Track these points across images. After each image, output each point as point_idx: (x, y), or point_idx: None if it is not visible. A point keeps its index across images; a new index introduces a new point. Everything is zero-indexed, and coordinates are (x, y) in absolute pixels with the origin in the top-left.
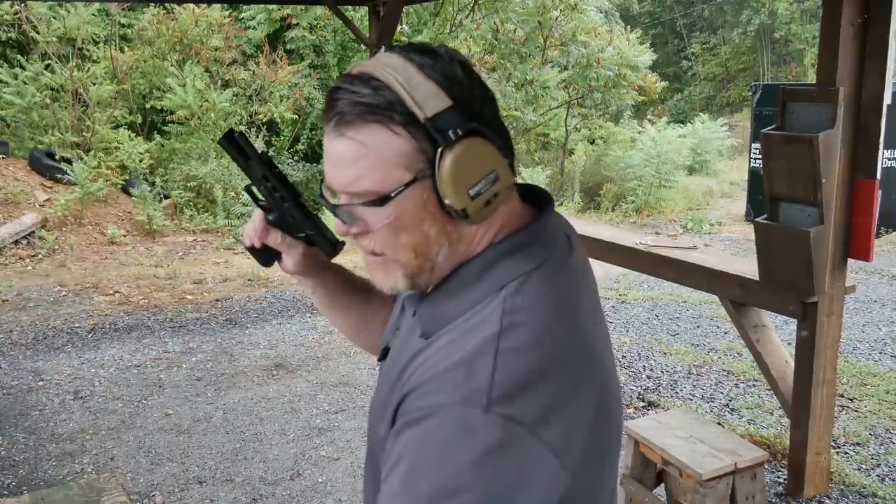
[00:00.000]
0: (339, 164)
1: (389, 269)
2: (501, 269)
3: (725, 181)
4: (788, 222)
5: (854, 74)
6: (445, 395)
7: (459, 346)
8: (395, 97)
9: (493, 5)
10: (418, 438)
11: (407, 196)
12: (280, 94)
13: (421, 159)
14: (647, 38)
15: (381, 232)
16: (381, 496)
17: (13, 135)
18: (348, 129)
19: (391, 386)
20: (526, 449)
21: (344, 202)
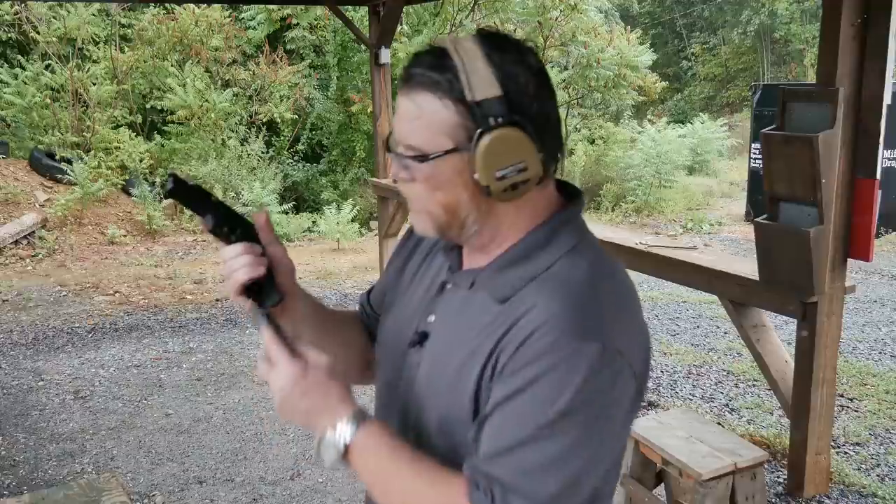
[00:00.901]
0: (400, 119)
1: (423, 219)
2: (563, 235)
3: (725, 181)
4: (788, 222)
5: (854, 74)
6: (563, 334)
7: (559, 295)
8: (453, 76)
9: (493, 5)
10: (537, 371)
11: (445, 161)
12: (280, 94)
13: (463, 134)
14: (647, 38)
15: (420, 185)
16: (499, 422)
17: (13, 135)
18: (411, 91)
19: (461, 345)
20: (627, 376)
21: (399, 152)
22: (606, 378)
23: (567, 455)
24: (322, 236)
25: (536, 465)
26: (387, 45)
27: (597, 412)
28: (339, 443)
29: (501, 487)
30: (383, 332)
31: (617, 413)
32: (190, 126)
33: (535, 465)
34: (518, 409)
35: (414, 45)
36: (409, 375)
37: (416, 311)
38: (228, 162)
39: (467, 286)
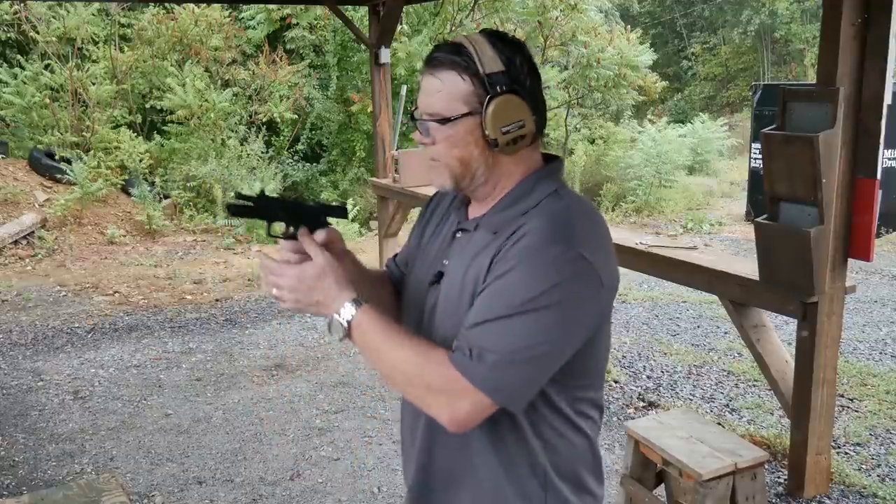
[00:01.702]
0: (425, 93)
1: (442, 173)
2: (546, 183)
3: (725, 181)
4: (788, 222)
5: (854, 74)
6: (538, 239)
7: (540, 217)
8: (468, 57)
9: (493, 5)
10: (513, 263)
11: (461, 123)
12: (280, 94)
13: (475, 101)
14: (647, 37)
15: (440, 144)
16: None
17: (13, 135)
18: (435, 70)
19: (464, 273)
20: (590, 276)
21: (424, 118)
22: (568, 273)
23: (532, 329)
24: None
25: (507, 334)
26: (387, 45)
27: (559, 299)
28: (343, 322)
29: (478, 348)
30: (408, 282)
31: (580, 305)
32: (190, 126)
33: (505, 333)
34: (495, 292)
35: (414, 44)
36: (429, 311)
37: (434, 258)
38: (228, 162)
39: (472, 229)
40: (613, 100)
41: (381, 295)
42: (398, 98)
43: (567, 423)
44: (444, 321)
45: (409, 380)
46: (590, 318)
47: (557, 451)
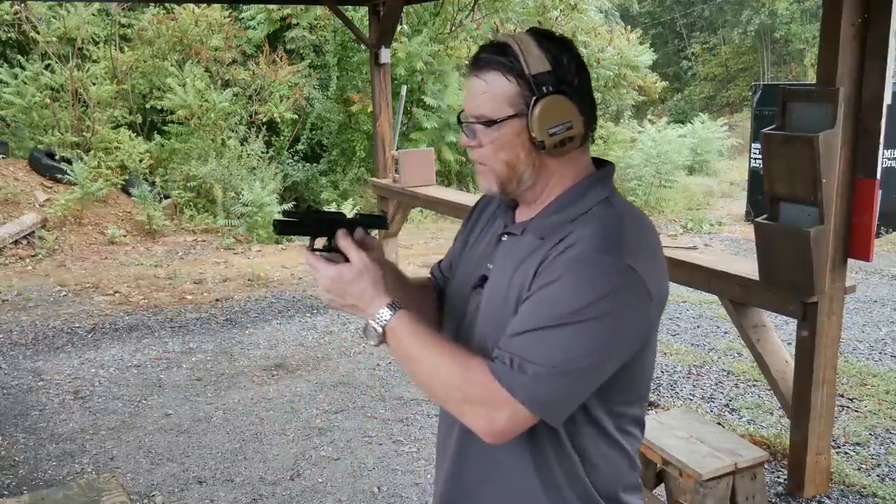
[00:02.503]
0: (471, 95)
1: (488, 177)
2: (597, 189)
3: (725, 181)
4: (788, 222)
5: (854, 74)
6: (587, 248)
7: (590, 226)
8: (514, 57)
9: (493, 5)
10: (560, 273)
11: (508, 125)
12: (280, 94)
13: (522, 102)
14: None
15: (487, 147)
16: (523, 311)
17: (13, 135)
18: (480, 72)
19: (509, 278)
20: (639, 289)
21: (470, 121)
22: (617, 285)
23: (577, 341)
24: None
25: (550, 345)
26: (387, 45)
27: (606, 311)
28: (378, 327)
29: (520, 358)
30: (451, 286)
31: (627, 318)
32: (190, 126)
33: (549, 345)
34: (540, 301)
35: (414, 44)
36: (471, 315)
37: (478, 262)
38: (228, 162)
39: (519, 234)
40: (613, 100)
41: (422, 303)
42: (398, 98)
43: (607, 438)
44: (486, 326)
45: (446, 389)
46: (637, 331)
47: (597, 467)
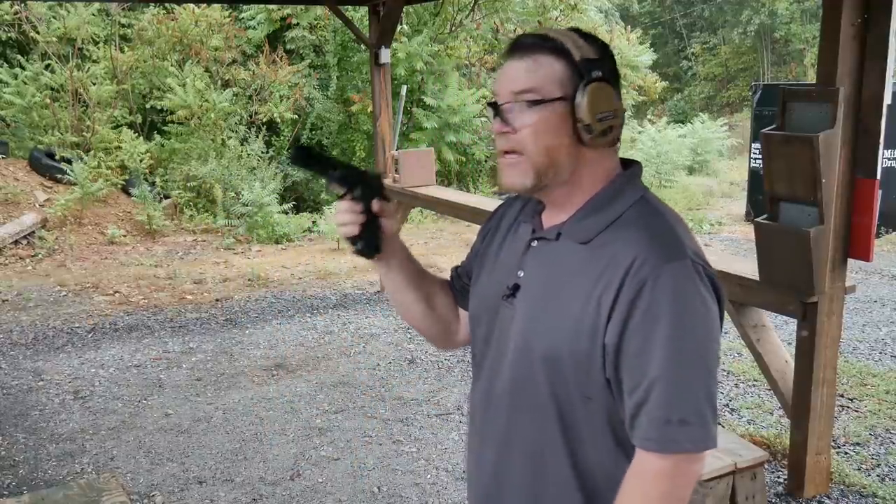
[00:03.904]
0: (512, 75)
1: (523, 168)
2: (630, 188)
3: (725, 181)
4: (788, 222)
5: (854, 74)
6: (660, 253)
7: (643, 231)
8: (561, 43)
9: (493, 5)
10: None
11: (553, 108)
12: (280, 94)
13: (570, 85)
14: (647, 38)
15: (525, 132)
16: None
17: (13, 135)
18: (527, 53)
19: (557, 285)
20: (708, 288)
21: (510, 101)
22: (708, 301)
23: (704, 369)
24: (322, 236)
25: (691, 386)
26: (387, 45)
27: (711, 326)
28: None
29: (678, 414)
30: (475, 297)
31: (717, 326)
32: (190, 126)
33: (691, 386)
34: (653, 348)
35: (414, 44)
36: (503, 325)
37: (506, 271)
38: (228, 162)
39: (553, 238)
40: None
41: (434, 303)
42: (398, 98)
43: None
44: (535, 339)
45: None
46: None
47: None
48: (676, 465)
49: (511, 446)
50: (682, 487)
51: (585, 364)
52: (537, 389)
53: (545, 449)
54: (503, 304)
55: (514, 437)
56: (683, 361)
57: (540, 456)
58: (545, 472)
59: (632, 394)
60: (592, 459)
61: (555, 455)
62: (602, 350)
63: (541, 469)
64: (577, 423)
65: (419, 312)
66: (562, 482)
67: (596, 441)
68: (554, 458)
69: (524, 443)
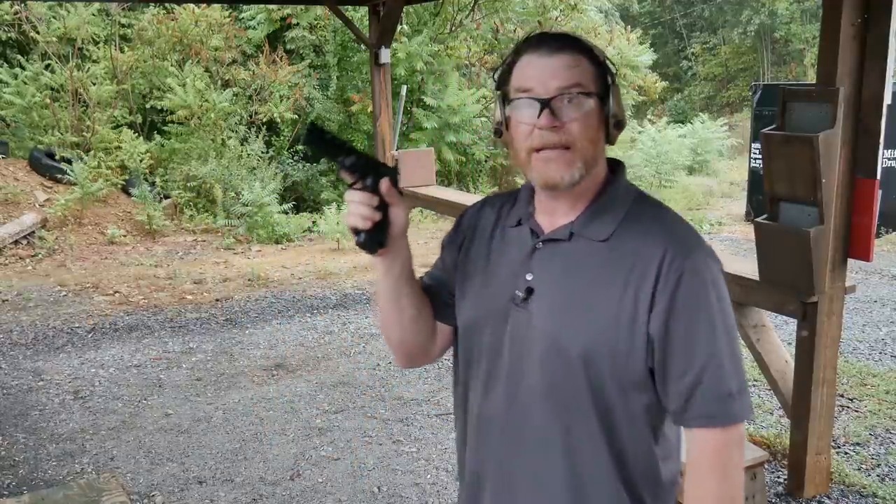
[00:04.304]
0: (557, 70)
1: (572, 160)
2: (625, 186)
3: (725, 181)
4: (788, 222)
5: (854, 74)
6: (685, 243)
7: (660, 225)
8: (588, 43)
9: (493, 5)
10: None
11: (593, 103)
12: (280, 94)
13: (600, 84)
14: (647, 38)
15: (576, 123)
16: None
17: (13, 135)
18: (567, 49)
19: (581, 284)
20: (721, 267)
21: (555, 95)
22: (718, 266)
23: (735, 341)
24: (322, 236)
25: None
26: (387, 45)
27: (727, 302)
28: None
29: (726, 389)
30: (471, 308)
31: (727, 291)
32: (190, 126)
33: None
34: (697, 334)
35: (414, 44)
36: (517, 331)
37: (507, 276)
38: (228, 162)
39: (566, 239)
40: None
41: (421, 314)
42: (398, 98)
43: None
44: (570, 338)
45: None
46: None
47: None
48: (734, 434)
49: (552, 445)
50: (741, 453)
51: (624, 356)
52: (576, 387)
53: (587, 443)
54: (515, 310)
55: (555, 436)
56: (727, 339)
57: (581, 450)
58: (585, 465)
59: (683, 377)
60: (629, 449)
61: (595, 448)
62: (646, 340)
63: (581, 462)
64: (616, 415)
65: (407, 321)
66: (602, 473)
67: (633, 431)
68: (594, 450)
69: (568, 439)
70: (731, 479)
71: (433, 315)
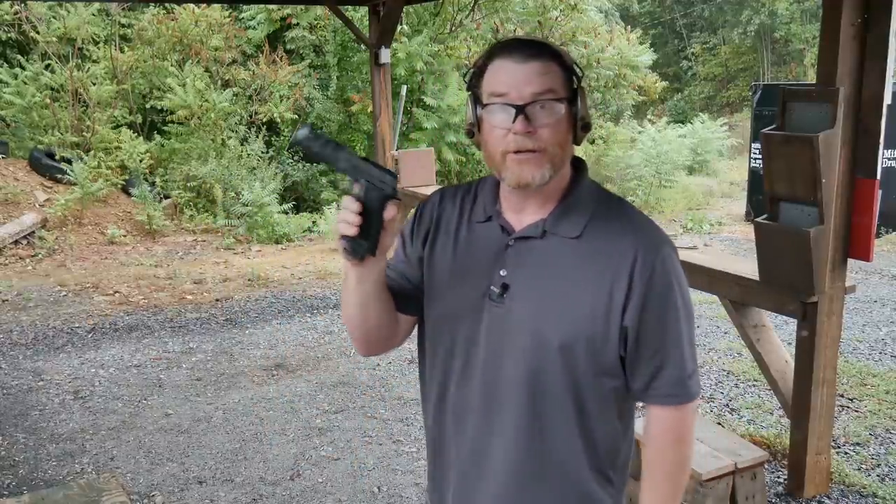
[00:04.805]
0: (531, 77)
1: (541, 162)
2: (588, 183)
3: (725, 181)
4: (788, 222)
5: (854, 74)
6: (653, 240)
7: (627, 222)
8: (556, 49)
9: (493, 5)
10: (668, 269)
11: (563, 107)
12: (280, 94)
13: (569, 88)
14: (647, 38)
15: (548, 129)
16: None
17: (13, 135)
18: (539, 55)
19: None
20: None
21: (540, 99)
22: (678, 256)
23: (692, 328)
24: (322, 236)
25: (688, 344)
26: (387, 45)
27: (686, 288)
28: None
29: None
30: (442, 300)
31: None
32: (190, 126)
33: (688, 344)
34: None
35: (414, 44)
36: (494, 324)
37: (479, 272)
38: (228, 162)
39: (538, 236)
40: (613, 100)
41: (390, 304)
42: (398, 98)
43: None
44: (549, 329)
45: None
46: None
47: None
48: (690, 410)
49: (526, 429)
50: (692, 426)
51: (600, 345)
52: (555, 376)
53: (560, 426)
54: (490, 304)
55: (529, 421)
56: (688, 326)
57: (555, 432)
58: (557, 445)
59: (651, 359)
60: (598, 429)
61: (568, 430)
62: (620, 330)
63: (553, 442)
64: (588, 400)
65: (373, 322)
66: (573, 452)
67: (603, 415)
68: (567, 432)
69: (541, 423)
70: (687, 447)
71: (396, 308)
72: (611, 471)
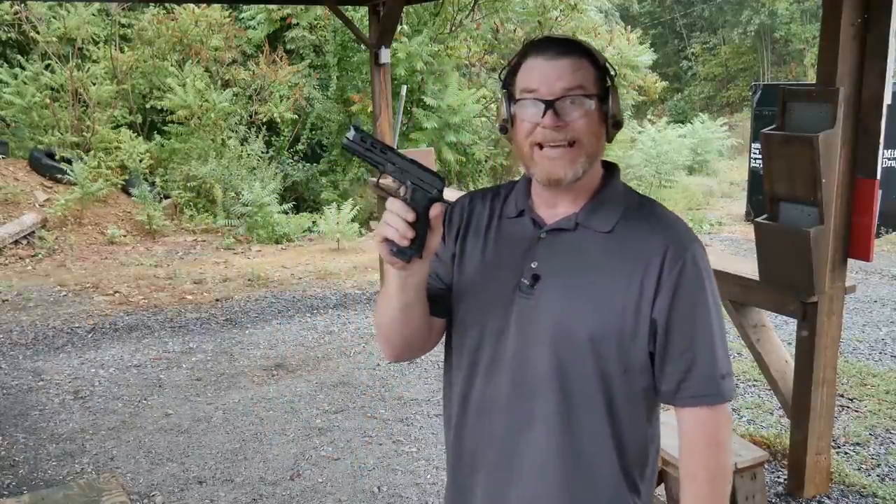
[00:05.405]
0: (562, 73)
1: (576, 157)
2: (620, 183)
3: (725, 181)
4: (788, 222)
5: (854, 74)
6: (684, 237)
7: (658, 220)
8: (589, 47)
9: (493, 5)
10: (699, 265)
11: (593, 104)
12: (280, 94)
13: (600, 86)
14: (647, 38)
15: (582, 122)
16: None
17: (13, 135)
18: (570, 52)
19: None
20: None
21: (559, 96)
22: (707, 255)
23: (724, 329)
24: (322, 236)
25: (721, 343)
26: (387, 45)
27: (717, 289)
28: None
29: (721, 371)
30: (473, 295)
31: None
32: (190, 126)
33: (721, 343)
34: (697, 318)
35: (414, 44)
36: (524, 316)
37: (512, 266)
38: (228, 162)
39: (571, 228)
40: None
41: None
42: (398, 98)
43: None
44: (578, 322)
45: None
46: None
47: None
48: (724, 413)
49: (555, 425)
50: (729, 429)
51: (629, 339)
52: (583, 370)
53: (589, 423)
54: (520, 296)
55: (558, 416)
56: (719, 325)
57: (583, 430)
58: (586, 445)
59: (682, 356)
60: (627, 430)
61: (597, 428)
62: (649, 324)
63: (582, 441)
64: (617, 394)
65: (417, 323)
66: (602, 453)
67: (632, 412)
68: (596, 430)
69: (571, 419)
70: (725, 455)
71: (430, 311)
72: (639, 479)
